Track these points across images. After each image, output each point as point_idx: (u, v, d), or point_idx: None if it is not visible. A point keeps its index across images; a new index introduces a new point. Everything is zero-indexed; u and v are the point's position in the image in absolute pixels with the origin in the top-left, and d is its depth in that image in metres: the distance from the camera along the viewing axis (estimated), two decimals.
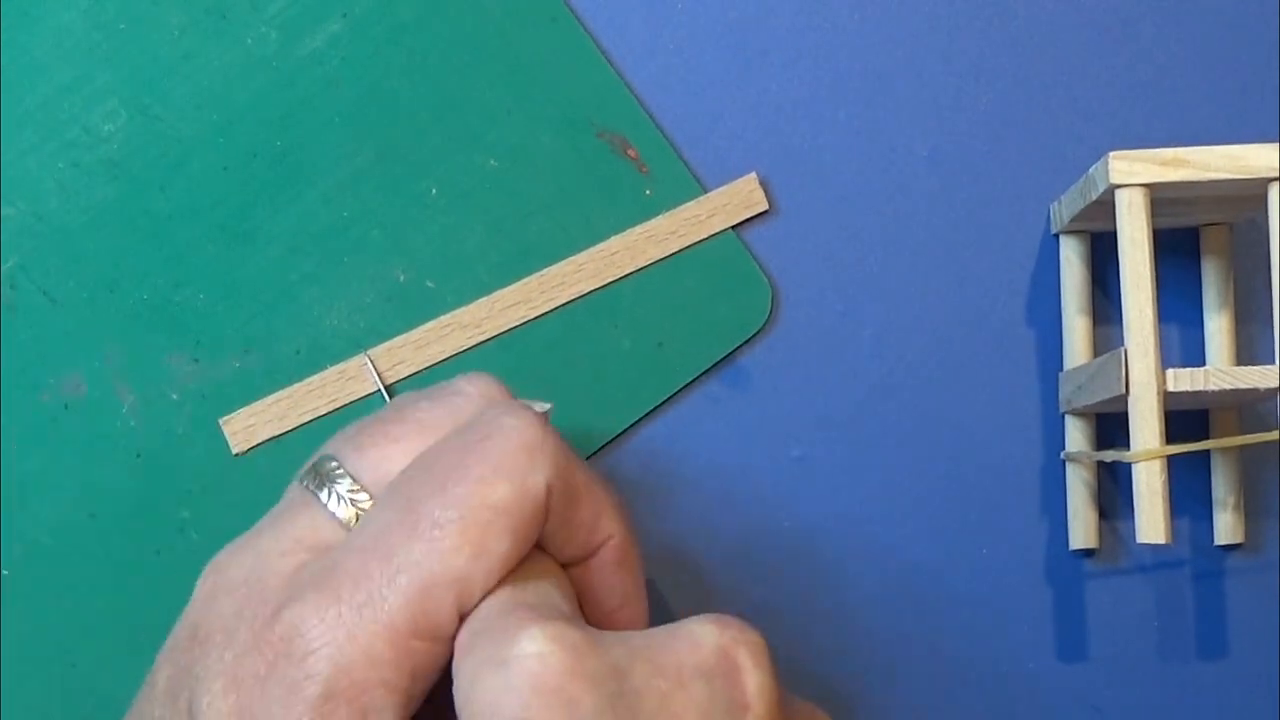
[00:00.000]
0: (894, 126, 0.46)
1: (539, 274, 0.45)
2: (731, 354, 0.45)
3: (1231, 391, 0.40)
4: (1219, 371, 0.39)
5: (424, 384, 0.44)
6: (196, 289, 0.45)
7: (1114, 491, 0.45)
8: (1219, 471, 0.45)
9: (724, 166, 0.45)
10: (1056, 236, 0.45)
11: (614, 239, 0.45)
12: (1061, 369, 0.45)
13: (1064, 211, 0.44)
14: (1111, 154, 0.40)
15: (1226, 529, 0.45)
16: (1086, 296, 0.45)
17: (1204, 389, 0.39)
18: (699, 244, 0.45)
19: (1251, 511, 0.45)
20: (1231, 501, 0.44)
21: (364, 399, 0.44)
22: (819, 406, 0.45)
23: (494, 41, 0.45)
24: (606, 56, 0.45)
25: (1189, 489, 0.45)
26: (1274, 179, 0.39)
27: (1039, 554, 0.45)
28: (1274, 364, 0.40)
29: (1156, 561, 0.45)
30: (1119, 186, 0.40)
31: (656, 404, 0.45)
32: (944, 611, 0.45)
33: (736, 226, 0.45)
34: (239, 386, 0.44)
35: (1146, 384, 0.39)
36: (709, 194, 0.45)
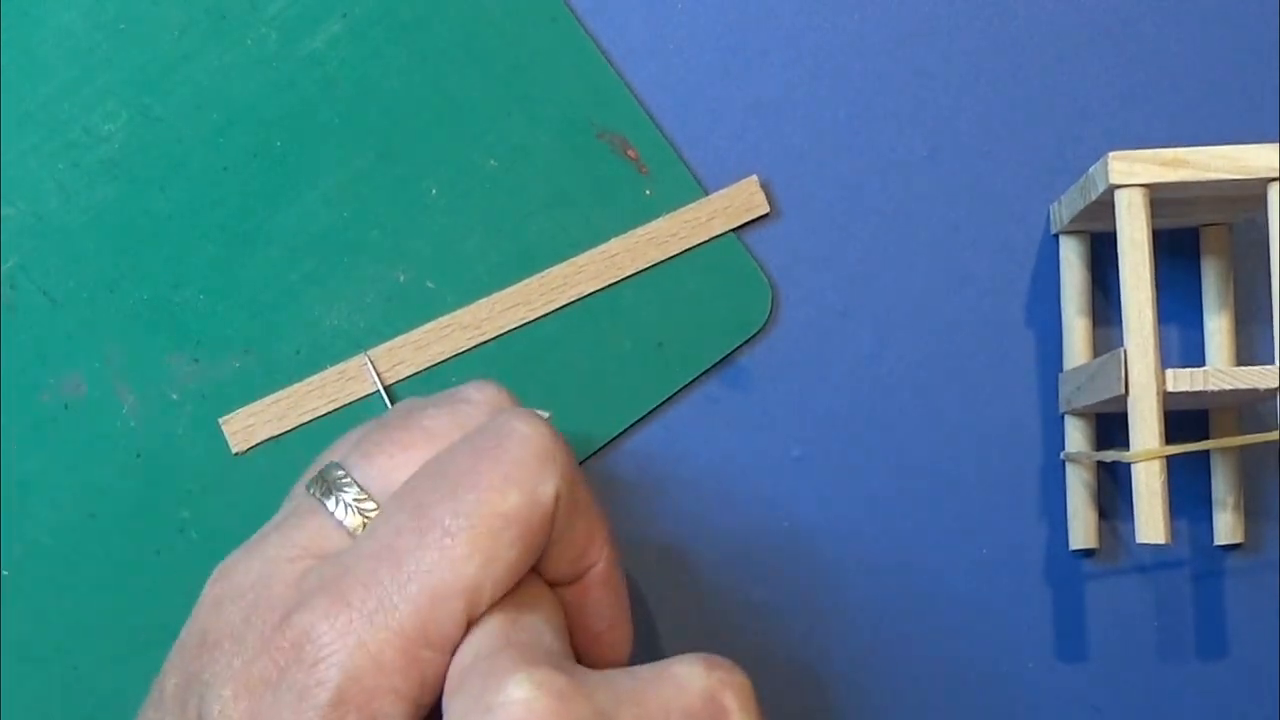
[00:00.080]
0: (894, 126, 0.46)
1: (539, 275, 0.45)
2: (731, 354, 0.45)
3: (1231, 392, 0.40)
4: (1219, 372, 0.39)
5: (424, 384, 0.44)
6: (196, 289, 0.45)
7: (1114, 491, 0.45)
8: (1219, 471, 0.45)
9: (724, 166, 0.45)
10: (1056, 237, 0.45)
11: (614, 241, 0.45)
12: (1061, 369, 0.45)
13: (1064, 212, 0.44)
14: (1111, 154, 0.40)
15: (1226, 529, 0.45)
16: (1086, 297, 0.45)
17: (1204, 389, 0.39)
18: (699, 246, 0.45)
19: (1251, 511, 0.45)
20: (1231, 501, 0.44)
21: (364, 399, 0.44)
22: (819, 406, 0.45)
23: (494, 41, 0.45)
24: (606, 56, 0.45)
25: (1189, 489, 0.45)
26: (1274, 179, 0.39)
27: (1039, 554, 0.45)
28: (1274, 364, 0.40)
29: (1156, 561, 0.45)
30: (1119, 187, 0.40)
31: (656, 404, 0.45)
32: (943, 611, 0.45)
33: (737, 228, 0.45)
34: (239, 386, 0.44)
35: (1146, 384, 0.39)
36: (710, 196, 0.45)
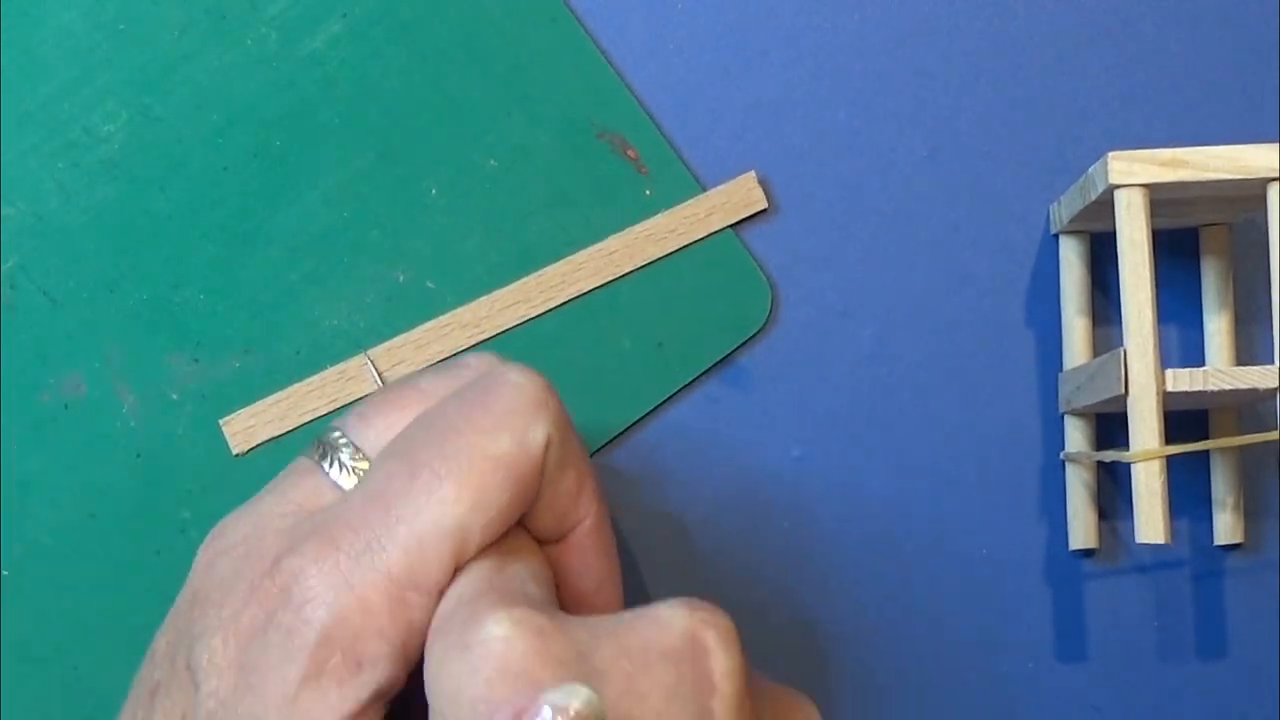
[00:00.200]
0: (894, 126, 0.46)
1: (538, 274, 0.45)
2: (731, 354, 0.45)
3: (1231, 392, 0.40)
4: (1218, 372, 0.39)
5: None
6: (196, 289, 0.45)
7: (1114, 491, 0.45)
8: (1218, 471, 0.45)
9: (723, 166, 0.45)
10: (1056, 237, 0.45)
11: (613, 238, 0.45)
12: (1061, 369, 0.45)
13: (1064, 212, 0.44)
14: (1111, 154, 0.40)
15: (1226, 529, 0.45)
16: (1086, 297, 0.45)
17: (1203, 389, 0.39)
18: (698, 243, 0.45)
19: (1251, 511, 0.45)
20: (1231, 501, 0.44)
21: (364, 399, 0.44)
22: (819, 406, 0.45)
23: (494, 41, 0.45)
24: (606, 56, 0.45)
25: (1188, 489, 0.45)
26: (1273, 179, 0.39)
27: (1039, 554, 0.45)
28: (1274, 364, 0.40)
29: (1156, 561, 0.45)
30: (1118, 187, 0.40)
31: (656, 404, 0.45)
32: (943, 611, 0.45)
33: (736, 226, 0.45)
34: (239, 386, 0.44)
35: (1146, 384, 0.39)
36: (708, 192, 0.45)
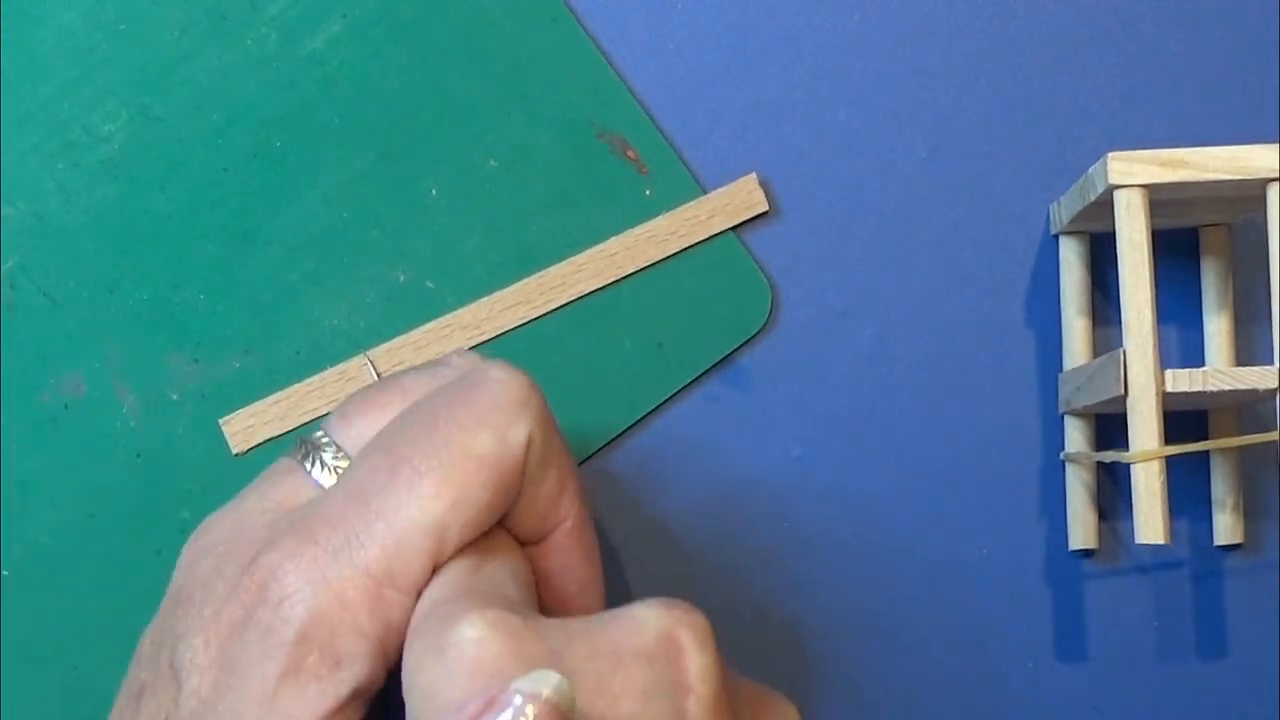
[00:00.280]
0: (894, 126, 0.46)
1: (539, 274, 0.45)
2: (731, 354, 0.45)
3: (1230, 392, 0.40)
4: (1218, 372, 0.39)
5: None
6: (196, 289, 0.45)
7: (1113, 492, 0.45)
8: (1218, 472, 0.45)
9: (724, 167, 0.45)
10: (1056, 237, 0.45)
11: (614, 239, 0.45)
12: (1061, 369, 0.45)
13: (1063, 212, 0.44)
14: (1110, 155, 0.40)
15: (1226, 529, 0.45)
16: (1086, 297, 0.45)
17: (1203, 390, 0.39)
18: (699, 244, 0.45)
19: (1251, 512, 0.45)
20: (1230, 502, 0.44)
21: (347, 399, 0.44)
22: (819, 406, 0.45)
23: (494, 41, 0.45)
24: (606, 56, 0.45)
25: (1188, 489, 0.45)
26: (1273, 179, 0.39)
27: (1038, 554, 0.45)
28: (1273, 364, 0.40)
29: (1156, 562, 0.45)
30: (1118, 187, 0.40)
31: (656, 404, 0.45)
32: (943, 611, 0.45)
33: (736, 227, 0.45)
34: (239, 386, 0.44)
35: (1145, 385, 0.39)
36: (709, 195, 0.45)
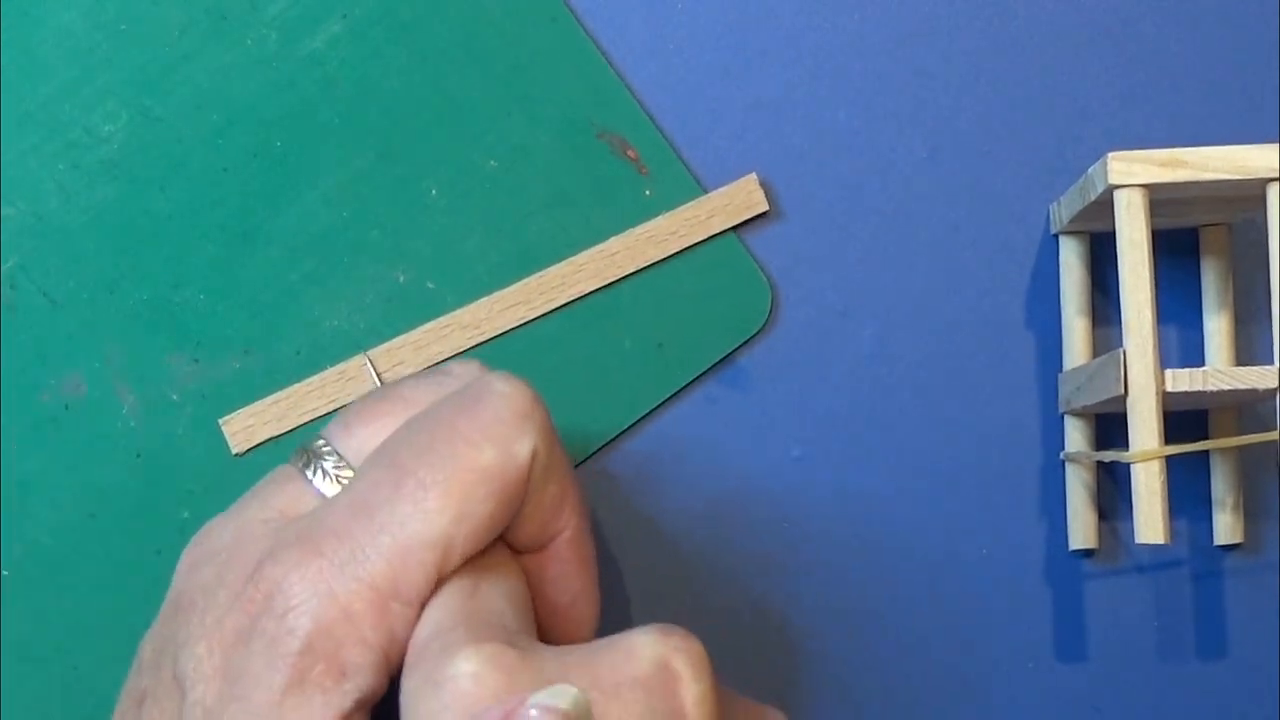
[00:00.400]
0: (894, 126, 0.46)
1: (539, 274, 0.45)
2: (731, 354, 0.45)
3: (1230, 392, 0.40)
4: (1218, 372, 0.39)
5: None
6: (196, 289, 0.45)
7: (1113, 492, 0.45)
8: (1218, 472, 0.45)
9: (724, 167, 0.45)
10: (1056, 237, 0.45)
11: (614, 239, 0.45)
12: (1061, 369, 0.45)
13: (1063, 212, 0.44)
14: (1110, 154, 0.40)
15: (1226, 529, 0.45)
16: (1086, 297, 0.45)
17: (1203, 389, 0.39)
18: (699, 245, 0.45)
19: (1251, 511, 0.45)
20: (1230, 502, 0.44)
21: (347, 407, 0.44)
22: (819, 406, 0.45)
23: (494, 41, 0.45)
24: (606, 56, 0.45)
25: (1188, 489, 0.45)
26: (1273, 179, 0.39)
27: (1038, 554, 0.45)
28: (1273, 364, 0.40)
29: (1156, 562, 0.45)
30: (1118, 187, 0.40)
31: (656, 404, 0.45)
32: (943, 611, 0.45)
33: (736, 227, 0.45)
34: (239, 386, 0.44)
35: (1145, 385, 0.39)
36: (709, 195, 0.45)
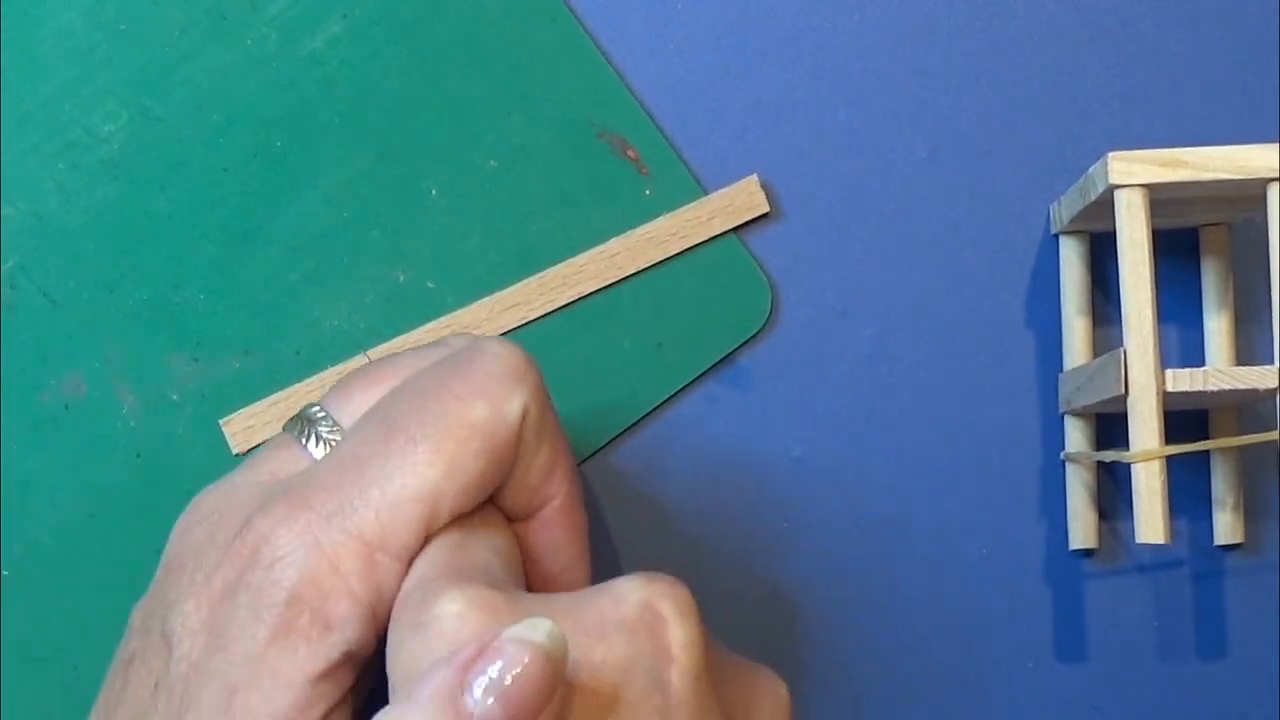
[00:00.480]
0: (894, 126, 0.46)
1: (539, 275, 0.45)
2: (731, 354, 0.45)
3: (1231, 392, 0.40)
4: (1218, 372, 0.39)
5: None
6: (196, 289, 0.45)
7: (1113, 491, 0.45)
8: (1218, 471, 0.45)
9: (724, 167, 0.45)
10: (1056, 237, 0.45)
11: (614, 241, 0.45)
12: (1061, 369, 0.45)
13: (1064, 212, 0.44)
14: (1110, 154, 0.40)
15: (1226, 529, 0.45)
16: (1086, 297, 0.45)
17: (1203, 389, 0.39)
18: (699, 245, 0.45)
19: (1251, 511, 0.45)
20: (1231, 501, 0.44)
21: (346, 376, 0.44)
22: (819, 406, 0.45)
23: (494, 41, 0.45)
24: (606, 56, 0.45)
25: (1188, 489, 0.45)
26: (1273, 179, 0.39)
27: (1038, 554, 0.45)
28: (1273, 364, 0.40)
29: (1156, 561, 0.45)
30: (1118, 187, 0.40)
31: (656, 404, 0.45)
32: (943, 611, 0.45)
33: (737, 228, 0.45)
34: (239, 386, 0.44)
35: (1146, 384, 0.39)
36: (710, 196, 0.45)
